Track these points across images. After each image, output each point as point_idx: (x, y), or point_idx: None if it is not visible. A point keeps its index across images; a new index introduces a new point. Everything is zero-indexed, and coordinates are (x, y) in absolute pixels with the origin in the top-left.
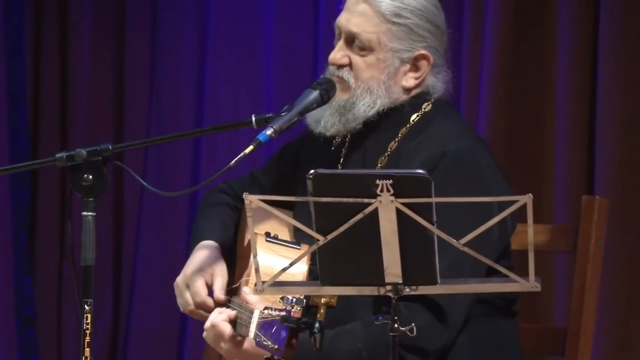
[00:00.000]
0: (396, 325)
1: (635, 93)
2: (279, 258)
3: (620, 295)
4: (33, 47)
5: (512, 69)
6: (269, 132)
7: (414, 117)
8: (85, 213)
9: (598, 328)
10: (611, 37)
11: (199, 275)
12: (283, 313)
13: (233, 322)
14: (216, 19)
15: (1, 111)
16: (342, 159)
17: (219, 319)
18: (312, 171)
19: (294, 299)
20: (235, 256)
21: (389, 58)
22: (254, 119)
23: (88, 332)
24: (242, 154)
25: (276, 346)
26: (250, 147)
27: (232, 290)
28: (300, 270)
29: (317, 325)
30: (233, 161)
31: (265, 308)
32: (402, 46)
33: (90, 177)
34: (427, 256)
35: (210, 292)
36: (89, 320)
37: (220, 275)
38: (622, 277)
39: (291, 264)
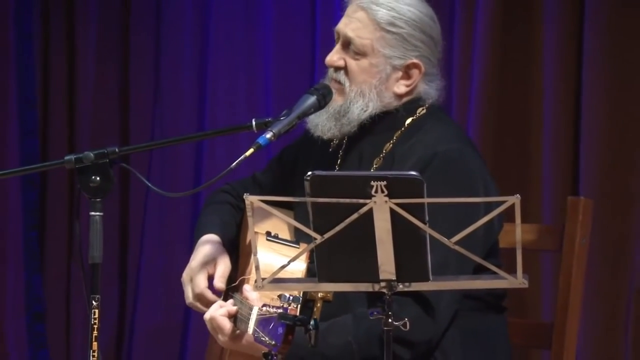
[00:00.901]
0: (390, 320)
1: (619, 97)
2: (278, 256)
3: (604, 292)
4: (42, 56)
5: (501, 74)
6: (268, 135)
7: (408, 121)
8: (92, 213)
9: (583, 323)
10: (596, 42)
11: (203, 267)
12: (280, 310)
13: (234, 316)
14: (216, 27)
15: (12, 116)
16: (339, 161)
17: (218, 313)
18: (309, 173)
19: (291, 297)
20: (238, 254)
21: (381, 64)
22: (254, 123)
23: (96, 326)
24: (242, 157)
25: (273, 342)
26: (251, 150)
27: (234, 287)
28: (298, 268)
29: (312, 322)
30: (234, 163)
31: (264, 305)
32: (394, 53)
33: (98, 178)
34: (420, 254)
35: (212, 283)
36: (96, 316)
37: (222, 264)
38: (606, 275)
39: (289, 262)
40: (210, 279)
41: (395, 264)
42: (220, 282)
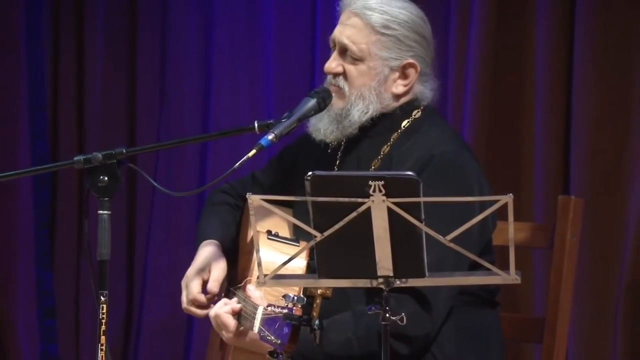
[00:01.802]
0: (387, 315)
1: (610, 97)
2: (279, 254)
3: (594, 288)
4: (52, 61)
5: (495, 74)
6: (270, 137)
7: (404, 123)
8: (101, 212)
9: (573, 318)
10: (587, 42)
11: (198, 274)
12: (285, 310)
13: (238, 314)
14: (219, 30)
15: (23, 119)
16: (337, 162)
17: (223, 310)
18: (310, 173)
19: (295, 297)
20: (238, 252)
21: (379, 66)
22: (256, 125)
23: (104, 321)
24: (245, 157)
25: (279, 341)
26: (253, 151)
27: (239, 287)
28: (299, 265)
29: (317, 322)
30: (237, 164)
31: (269, 305)
32: (391, 55)
33: (106, 178)
34: (416, 251)
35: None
36: (104, 310)
37: (216, 268)
38: (596, 272)
39: (291, 258)
40: (205, 284)
41: (393, 261)
42: (213, 286)
